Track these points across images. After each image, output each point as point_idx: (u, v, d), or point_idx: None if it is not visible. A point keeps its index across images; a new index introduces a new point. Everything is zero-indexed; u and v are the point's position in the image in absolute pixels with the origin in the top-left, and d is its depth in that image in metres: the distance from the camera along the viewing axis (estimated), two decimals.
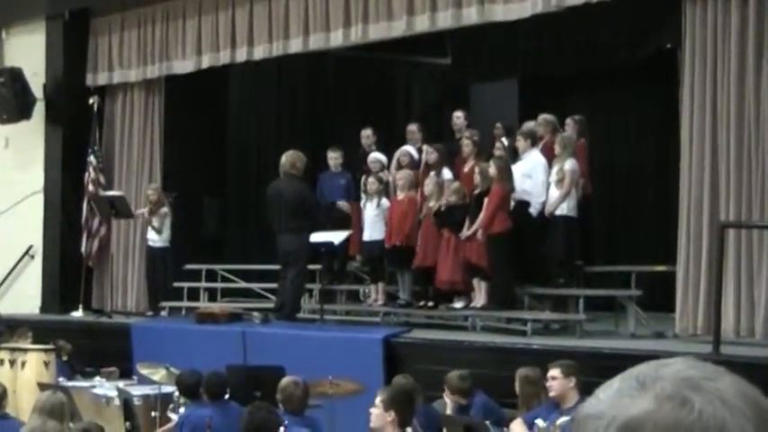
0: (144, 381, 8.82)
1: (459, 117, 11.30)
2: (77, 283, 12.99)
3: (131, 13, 13.01)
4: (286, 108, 15.00)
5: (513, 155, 10.11)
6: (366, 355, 8.82)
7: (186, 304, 12.16)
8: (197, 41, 12.21)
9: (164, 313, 12.14)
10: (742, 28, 8.30)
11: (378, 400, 5.66)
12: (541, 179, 9.63)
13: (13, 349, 9.76)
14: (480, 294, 9.66)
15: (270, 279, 11.64)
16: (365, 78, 14.73)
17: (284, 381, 6.70)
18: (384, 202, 10.78)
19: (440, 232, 10.02)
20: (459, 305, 10.03)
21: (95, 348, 10.92)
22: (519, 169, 9.75)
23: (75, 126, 13.24)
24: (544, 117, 10.35)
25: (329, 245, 10.60)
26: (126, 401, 8.20)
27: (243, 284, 12.54)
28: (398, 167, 10.97)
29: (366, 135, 11.75)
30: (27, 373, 9.38)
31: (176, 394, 7.85)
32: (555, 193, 9.43)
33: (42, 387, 8.16)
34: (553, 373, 6.54)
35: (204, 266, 12.61)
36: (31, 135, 13.48)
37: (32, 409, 6.42)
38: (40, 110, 13.35)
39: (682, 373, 0.99)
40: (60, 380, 9.27)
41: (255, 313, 10.71)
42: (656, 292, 9.90)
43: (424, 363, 8.46)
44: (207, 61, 12.14)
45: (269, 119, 14.95)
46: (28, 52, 13.54)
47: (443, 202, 10.02)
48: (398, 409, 5.59)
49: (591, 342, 8.48)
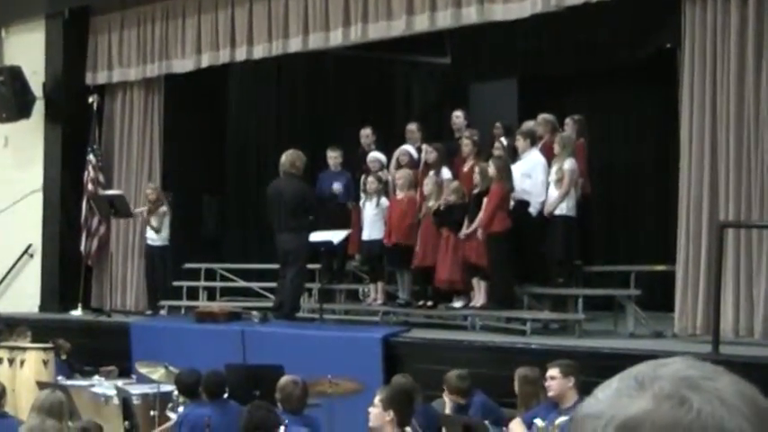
0: (143, 380, 8.81)
1: (458, 117, 11.29)
2: (76, 282, 12.98)
3: (131, 12, 13.00)
4: (285, 107, 15.00)
5: (512, 154, 10.10)
6: (365, 355, 8.82)
7: (185, 303, 12.16)
8: (197, 40, 12.20)
9: (163, 312, 12.14)
10: (741, 28, 8.30)
11: (377, 399, 5.66)
12: (541, 179, 9.63)
13: (12, 348, 9.77)
14: (479, 294, 9.66)
15: (269, 278, 11.65)
16: (365, 78, 14.73)
17: (283, 380, 6.71)
18: (383, 201, 10.78)
19: (439, 232, 10.02)
20: (458, 305, 10.02)
21: (94, 347, 10.92)
22: (518, 169, 9.75)
23: (75, 125, 13.23)
24: (543, 117, 10.36)
25: (328, 244, 10.60)
26: (125, 400, 8.20)
27: (242, 283, 12.54)
28: (398, 167, 10.97)
29: (365, 134, 11.75)
30: (26, 371, 9.39)
31: (175, 393, 7.85)
32: (554, 193, 9.42)
33: (41, 386, 8.16)
34: (552, 372, 6.54)
35: (203, 265, 12.61)
36: (31, 134, 13.47)
37: (31, 407, 6.42)
38: (39, 108, 13.34)
39: (680, 372, 0.99)
40: (59, 379, 9.27)
41: (254, 312, 10.71)
42: (656, 291, 9.90)
43: (423, 362, 8.46)
44: (206, 60, 12.14)
45: (268, 118, 14.95)
46: (27, 51, 13.53)
47: (442, 201, 10.02)
48: (397, 408, 5.59)
49: (590, 342, 8.48)
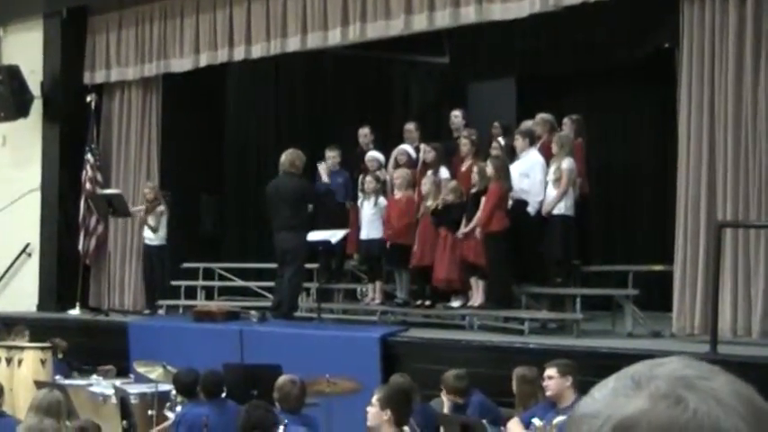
0: (141, 379, 8.81)
1: (456, 116, 11.28)
2: (74, 282, 12.97)
3: (129, 11, 12.99)
4: (284, 106, 14.99)
5: (510, 154, 10.10)
6: (363, 354, 8.82)
7: (183, 303, 12.16)
8: (195, 40, 12.19)
9: (161, 311, 12.14)
10: (740, 28, 8.30)
11: (374, 398, 5.66)
12: (539, 178, 9.63)
13: (9, 347, 9.76)
14: (477, 293, 9.66)
15: (267, 277, 11.64)
16: (363, 77, 14.72)
17: (281, 379, 6.70)
18: (381, 200, 10.77)
19: (437, 231, 10.02)
20: (456, 304, 10.02)
21: (92, 346, 10.92)
22: (517, 168, 9.75)
23: (73, 124, 13.22)
24: (542, 116, 10.36)
25: (326, 243, 10.60)
26: (123, 400, 8.20)
27: (240, 283, 12.53)
28: (396, 166, 10.97)
29: (364, 134, 11.75)
30: (24, 371, 9.38)
31: (173, 393, 7.85)
32: (552, 193, 9.43)
33: (39, 385, 8.15)
34: (550, 372, 6.55)
35: (201, 265, 12.60)
36: (29, 133, 13.46)
37: (29, 407, 6.42)
38: (37, 108, 13.33)
39: (677, 372, 0.99)
40: (57, 378, 9.26)
41: (253, 312, 10.71)
42: (654, 291, 9.90)
43: (421, 361, 8.47)
44: (205, 59, 12.13)
45: (266, 117, 14.94)
46: (25, 50, 13.52)
47: (440, 201, 10.02)
48: (395, 407, 5.59)
49: (588, 341, 8.48)
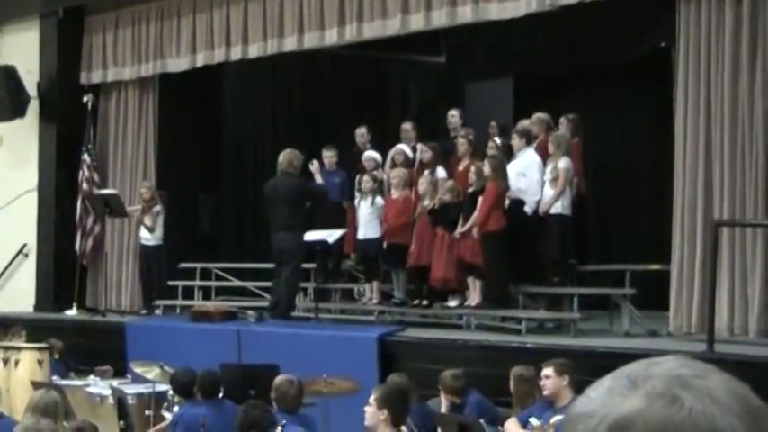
0: (138, 379, 8.81)
1: (453, 116, 11.28)
2: (71, 282, 12.96)
3: (126, 11, 12.98)
4: (280, 106, 14.98)
5: (507, 153, 10.11)
6: (361, 354, 8.82)
7: (181, 303, 12.15)
8: (191, 40, 12.19)
9: (158, 312, 12.12)
10: (736, 27, 8.31)
11: (372, 398, 5.67)
12: (536, 178, 9.63)
13: (6, 348, 9.74)
14: (475, 293, 9.66)
15: (264, 277, 11.64)
16: (360, 77, 14.72)
17: (278, 379, 6.70)
18: (378, 200, 10.77)
19: (434, 231, 10.02)
20: (453, 304, 10.03)
21: (89, 347, 10.92)
22: (514, 168, 9.75)
23: (70, 124, 13.21)
24: (538, 116, 10.37)
25: (324, 243, 10.60)
26: (120, 400, 8.19)
27: (237, 283, 12.52)
28: (393, 166, 10.97)
29: (361, 133, 11.75)
30: (21, 371, 9.37)
31: (170, 393, 7.85)
32: (549, 192, 9.43)
33: (36, 385, 8.14)
34: (547, 371, 6.55)
35: (199, 265, 12.59)
36: (25, 133, 13.45)
37: (26, 407, 6.41)
38: (33, 108, 13.32)
39: (672, 371, 0.99)
40: (54, 378, 9.25)
41: (250, 312, 10.70)
42: (651, 290, 9.90)
43: (418, 361, 8.47)
44: (201, 59, 12.12)
45: (264, 117, 14.94)
46: (22, 50, 13.50)
47: (437, 200, 10.02)
48: (392, 407, 5.60)
49: (585, 341, 8.49)
